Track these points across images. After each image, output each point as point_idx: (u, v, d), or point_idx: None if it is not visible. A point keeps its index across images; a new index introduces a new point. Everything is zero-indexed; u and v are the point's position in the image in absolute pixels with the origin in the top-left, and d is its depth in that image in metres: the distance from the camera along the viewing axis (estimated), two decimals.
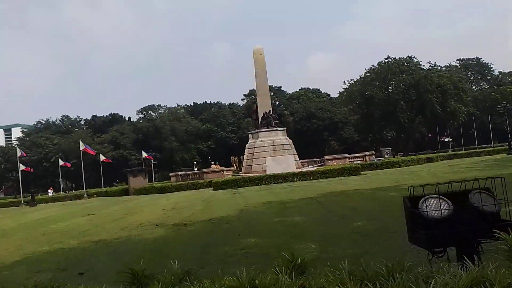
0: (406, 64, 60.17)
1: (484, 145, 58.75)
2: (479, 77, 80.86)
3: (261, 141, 37.87)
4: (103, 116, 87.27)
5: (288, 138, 39.97)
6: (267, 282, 2.32)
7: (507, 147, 42.03)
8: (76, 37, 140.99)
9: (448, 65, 69.07)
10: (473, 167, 23.80)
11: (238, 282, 2.37)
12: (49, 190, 55.33)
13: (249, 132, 41.79)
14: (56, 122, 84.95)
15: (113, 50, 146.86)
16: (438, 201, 3.36)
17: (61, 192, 50.89)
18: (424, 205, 3.35)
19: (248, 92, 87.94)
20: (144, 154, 46.93)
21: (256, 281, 2.33)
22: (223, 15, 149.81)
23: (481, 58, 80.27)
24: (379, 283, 1.94)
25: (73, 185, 76.11)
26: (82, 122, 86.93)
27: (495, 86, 73.02)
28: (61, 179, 62.34)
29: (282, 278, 2.36)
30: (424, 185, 3.61)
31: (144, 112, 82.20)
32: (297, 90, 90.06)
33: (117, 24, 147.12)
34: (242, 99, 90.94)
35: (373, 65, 61.98)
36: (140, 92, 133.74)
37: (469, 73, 79.10)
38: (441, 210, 3.29)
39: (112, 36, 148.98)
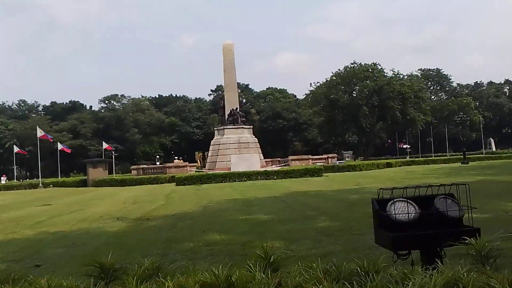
0: (370, 70, 61.94)
1: (440, 153, 61.60)
2: (438, 87, 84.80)
3: (227, 138, 37.83)
4: (63, 103, 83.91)
5: (253, 136, 40.16)
6: (244, 279, 2.31)
7: (462, 156, 44.18)
8: (33, 14, 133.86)
9: (410, 73, 71.87)
10: (430, 174, 24.90)
11: (214, 278, 2.35)
12: (1, 178, 52.46)
13: (215, 129, 41.68)
14: (13, 107, 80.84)
15: (74, 32, 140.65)
16: (406, 205, 3.49)
17: (15, 181, 48.35)
18: (392, 208, 3.47)
19: (215, 87, 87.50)
20: (105, 145, 45.58)
21: (233, 278, 2.32)
22: (192, 6, 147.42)
23: (441, 69, 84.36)
24: (356, 282, 1.99)
25: (28, 173, 72.72)
26: (40, 108, 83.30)
27: (452, 97, 76.82)
28: (15, 167, 59.27)
29: (258, 275, 2.36)
30: (393, 188, 3.72)
31: (106, 102, 79.72)
32: (265, 89, 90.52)
33: (77, 2, 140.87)
34: (209, 94, 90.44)
35: (339, 69, 63.39)
36: (103, 80, 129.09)
37: (429, 82, 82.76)
38: (408, 213, 3.41)
39: (72, 16, 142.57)
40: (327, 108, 63.52)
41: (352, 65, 62.94)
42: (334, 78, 63.15)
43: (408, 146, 64.74)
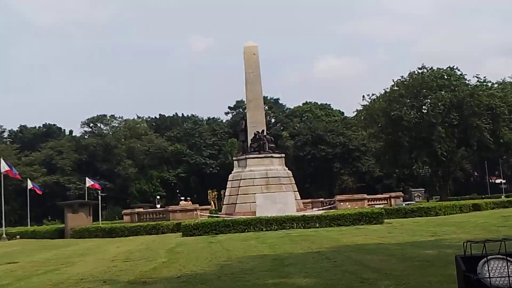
0: (446, 76, 61.20)
1: None
2: None
3: (250, 171, 37.94)
4: (35, 127, 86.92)
5: (286, 168, 40.05)
6: None
7: None
8: None
9: (501, 81, 70.21)
10: None
11: None
12: None
13: (234, 158, 41.90)
14: None
15: (50, 36, 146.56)
16: (505, 264, 3.34)
17: None
18: (486, 268, 3.33)
19: (234, 103, 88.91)
20: (89, 182, 46.41)
21: None
22: (204, 3, 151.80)
23: None
24: None
25: None
26: (6, 135, 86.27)
27: None
28: None
29: None
30: (485, 240, 3.59)
31: (91, 125, 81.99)
32: (301, 105, 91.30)
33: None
34: (227, 113, 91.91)
35: (402, 76, 62.93)
36: (87, 97, 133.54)
37: None
38: (509, 276, 3.27)
39: (49, 16, 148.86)
40: (388, 129, 62.79)
41: (420, 71, 62.40)
42: (395, 88, 62.66)
43: (503, 181, 62.95)
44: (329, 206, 39.67)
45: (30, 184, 47.44)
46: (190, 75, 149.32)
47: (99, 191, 45.01)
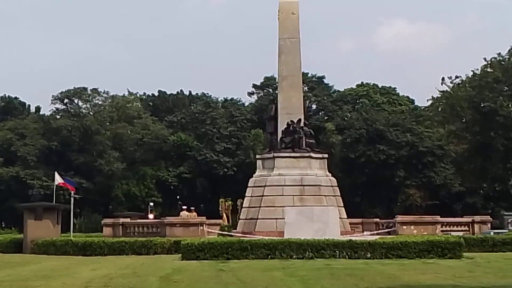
0: None
1: None
2: None
3: (279, 175, 37.97)
4: None
5: (330, 174, 39.97)
6: None
7: None
8: None
9: None
10: None
11: None
12: None
13: (257, 157, 41.99)
14: None
15: None
16: None
17: None
18: None
19: (262, 81, 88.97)
20: (59, 179, 46.81)
21: None
22: None
23: None
24: None
25: None
26: None
27: None
28: None
29: None
30: None
31: (65, 101, 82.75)
32: (354, 87, 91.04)
33: None
34: (251, 94, 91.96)
35: (499, 54, 62.00)
36: (62, 62, 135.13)
37: None
38: None
39: None
40: (475, 127, 62.04)
41: None
42: (489, 70, 61.78)
43: None
44: (386, 230, 39.37)
45: None
46: (203, 39, 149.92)
47: (72, 193, 45.41)
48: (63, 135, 75.93)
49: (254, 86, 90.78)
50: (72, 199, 43.51)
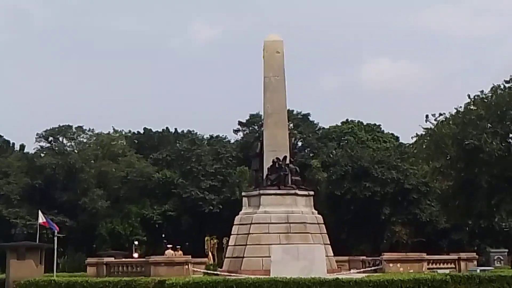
0: None
1: None
2: None
3: (265, 212, 37.84)
4: None
5: (316, 211, 39.85)
6: None
7: None
8: None
9: None
10: None
11: None
12: None
13: (243, 194, 41.80)
14: None
15: None
16: None
17: None
18: None
19: (247, 118, 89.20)
20: (42, 218, 46.49)
21: None
22: None
23: None
24: None
25: None
26: None
27: None
28: None
29: None
30: None
31: (50, 139, 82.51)
32: (339, 124, 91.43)
33: None
34: (236, 131, 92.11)
35: (482, 92, 62.53)
36: (46, 100, 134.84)
37: None
38: None
39: None
40: (460, 164, 62.22)
41: (508, 85, 62.13)
42: (472, 107, 62.29)
43: None
44: (373, 268, 39.04)
45: None
46: (189, 77, 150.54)
47: (55, 232, 45.12)
48: (47, 173, 75.38)
49: (240, 123, 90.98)
50: (55, 238, 43.21)
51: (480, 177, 58.98)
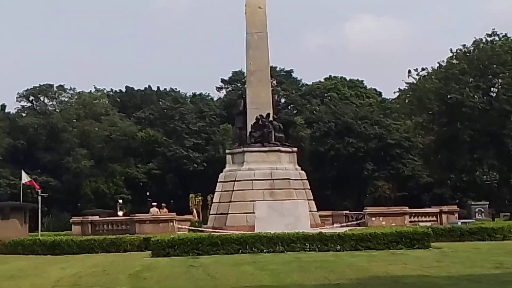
0: None
1: None
2: None
3: (249, 169, 38.03)
4: None
5: (299, 168, 40.12)
6: None
7: None
8: None
9: None
10: None
11: None
12: None
13: (227, 152, 42.02)
14: None
15: None
16: None
17: None
18: None
19: (230, 76, 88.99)
20: (25, 178, 46.48)
21: None
22: None
23: None
24: None
25: None
26: None
27: None
28: None
29: None
30: None
31: (31, 98, 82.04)
32: (323, 80, 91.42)
33: None
34: (219, 89, 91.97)
35: (464, 46, 62.83)
36: (27, 59, 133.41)
37: None
38: None
39: None
40: (442, 119, 62.76)
41: (490, 38, 62.29)
42: (455, 61, 62.54)
43: None
44: (356, 222, 39.52)
45: None
46: (171, 35, 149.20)
47: (39, 191, 45.07)
48: (30, 133, 75.09)
49: (223, 81, 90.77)
50: (39, 197, 43.16)
51: (462, 131, 59.54)
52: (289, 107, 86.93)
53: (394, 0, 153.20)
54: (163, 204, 48.10)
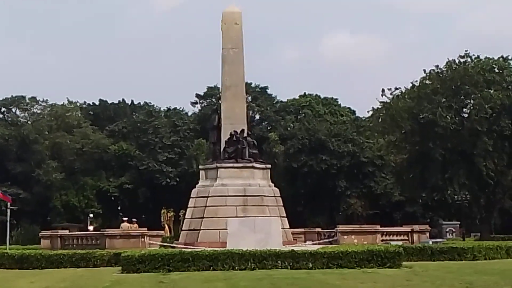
0: (497, 70, 61.83)
1: None
2: None
3: (222, 185, 37.97)
4: None
5: (272, 184, 40.12)
6: None
7: None
8: None
9: None
10: None
11: None
12: None
13: (200, 167, 41.98)
14: None
15: None
16: None
17: None
18: None
19: (205, 91, 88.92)
20: None
21: None
22: None
23: None
24: None
25: None
26: None
27: None
28: None
29: None
30: None
31: (2, 109, 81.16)
32: (297, 98, 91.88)
33: None
34: (194, 104, 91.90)
35: (437, 66, 63.35)
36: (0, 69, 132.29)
37: None
38: None
39: None
40: (414, 138, 63.18)
41: (462, 60, 62.94)
42: (427, 82, 63.11)
43: None
44: (328, 240, 39.52)
45: None
46: (146, 47, 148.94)
47: (8, 204, 44.56)
48: (0, 144, 74.22)
49: (197, 95, 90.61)
50: (8, 210, 42.67)
51: (434, 150, 60.00)
52: (263, 123, 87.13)
53: (367, 18, 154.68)
54: (133, 219, 47.72)
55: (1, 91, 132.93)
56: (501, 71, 61.73)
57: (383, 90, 64.55)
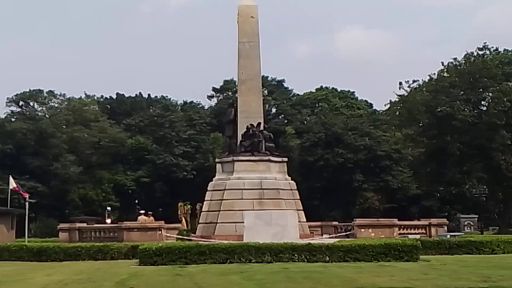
0: None
1: None
2: None
3: (239, 178, 37.97)
4: None
5: (289, 178, 40.08)
6: None
7: None
8: None
9: None
10: None
11: None
12: None
13: (217, 160, 41.90)
14: None
15: None
16: None
17: None
18: None
19: (221, 84, 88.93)
20: (13, 184, 46.23)
21: None
22: None
23: None
24: None
25: None
26: None
27: None
28: None
29: None
30: None
31: (20, 103, 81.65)
32: (313, 91, 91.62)
33: None
34: (210, 97, 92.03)
35: (455, 59, 63.12)
36: (16, 64, 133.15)
37: None
38: None
39: None
40: (432, 131, 62.96)
41: (481, 52, 62.64)
42: (445, 75, 62.84)
43: None
44: (344, 233, 39.52)
45: None
46: (162, 42, 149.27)
47: (27, 197, 44.84)
48: (18, 138, 74.59)
49: (214, 89, 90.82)
50: (27, 203, 42.94)
51: (451, 144, 59.72)
52: (279, 116, 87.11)
53: (381, 12, 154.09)
54: (149, 212, 47.91)
55: (19, 85, 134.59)
56: None
57: (400, 83, 64.36)
